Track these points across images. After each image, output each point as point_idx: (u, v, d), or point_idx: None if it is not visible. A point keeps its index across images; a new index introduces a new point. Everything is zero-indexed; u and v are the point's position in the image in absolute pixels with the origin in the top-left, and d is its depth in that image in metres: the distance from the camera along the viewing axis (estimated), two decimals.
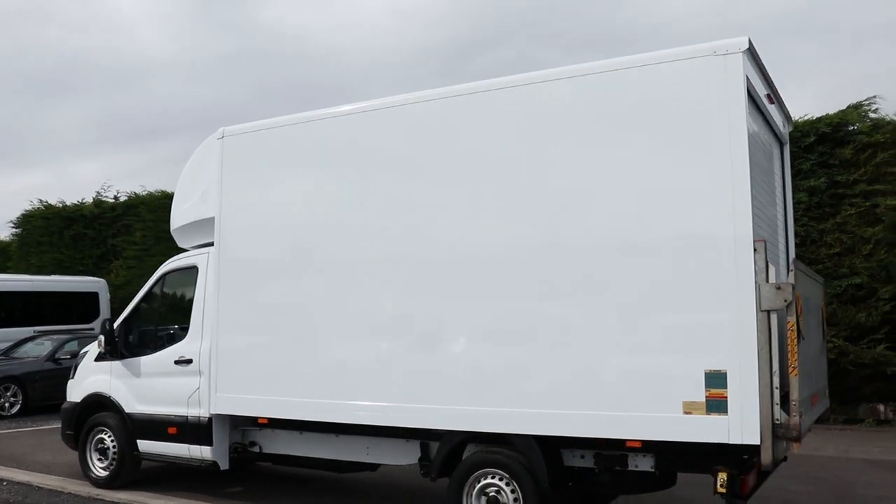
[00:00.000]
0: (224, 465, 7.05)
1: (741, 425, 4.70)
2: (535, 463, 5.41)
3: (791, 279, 4.75)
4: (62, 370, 11.37)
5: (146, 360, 7.52)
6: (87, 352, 8.26)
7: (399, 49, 45.13)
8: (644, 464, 5.39)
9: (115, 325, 7.71)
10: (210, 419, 6.97)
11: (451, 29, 45.38)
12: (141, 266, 17.73)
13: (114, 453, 7.64)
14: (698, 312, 4.88)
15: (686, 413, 4.86)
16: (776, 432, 4.67)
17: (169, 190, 17.84)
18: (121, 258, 19.48)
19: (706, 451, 5.03)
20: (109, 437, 7.68)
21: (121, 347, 7.66)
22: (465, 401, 5.60)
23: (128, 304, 7.97)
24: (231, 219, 6.95)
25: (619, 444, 5.19)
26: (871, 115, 11.98)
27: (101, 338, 7.63)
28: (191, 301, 7.39)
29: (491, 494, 5.59)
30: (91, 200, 21.03)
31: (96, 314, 16.93)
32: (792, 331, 4.68)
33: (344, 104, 6.54)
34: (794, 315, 4.67)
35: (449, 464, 5.83)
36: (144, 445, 7.43)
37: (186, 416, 7.10)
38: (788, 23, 35.45)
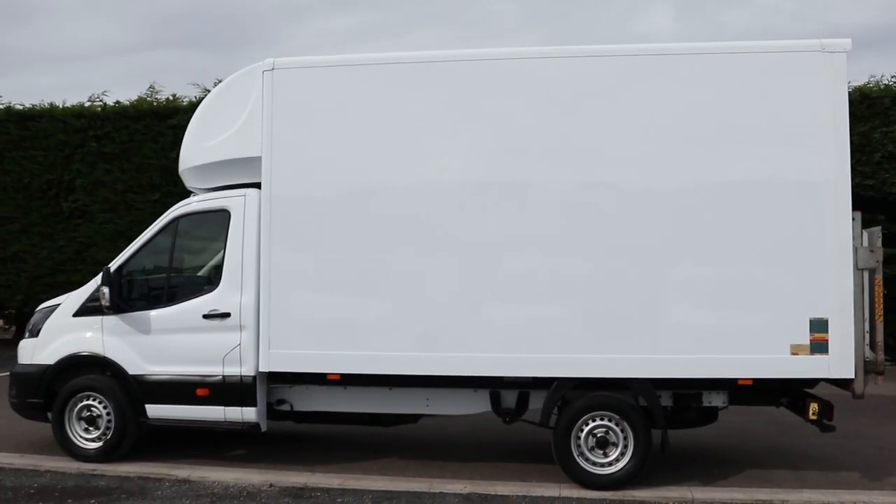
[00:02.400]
0: (264, 426, 6.57)
1: (839, 363, 5.72)
2: (651, 404, 5.98)
3: (879, 243, 5.85)
4: None
5: (159, 315, 6.63)
6: (50, 306, 7.01)
7: None
8: (717, 400, 6.24)
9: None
10: (254, 378, 6.44)
11: None
12: None
13: (108, 422, 6.68)
14: (806, 270, 5.77)
15: (793, 354, 5.76)
16: (866, 368, 5.77)
17: None
18: None
19: (771, 388, 6.05)
20: (100, 403, 6.68)
21: (118, 300, 6.66)
22: (586, 349, 5.96)
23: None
24: (285, 160, 6.37)
25: (730, 382, 5.96)
26: None
27: (105, 290, 6.53)
28: (219, 248, 6.67)
29: (599, 435, 6.05)
30: None
31: None
32: (879, 285, 5.78)
33: (419, 51, 6.38)
34: (881, 273, 5.78)
35: (549, 409, 6.15)
36: (157, 410, 6.59)
37: (222, 376, 6.46)
38: None
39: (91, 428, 6.73)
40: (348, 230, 6.29)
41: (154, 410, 6.60)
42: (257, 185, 6.54)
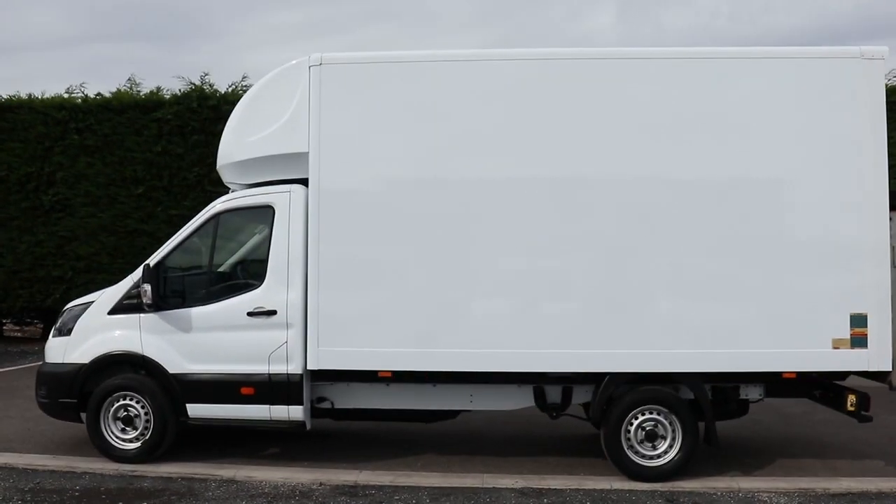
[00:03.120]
0: (309, 424, 6.54)
1: (878, 356, 5.99)
2: (700, 397, 6.16)
3: None
4: None
5: (200, 312, 6.52)
6: (81, 304, 6.83)
7: None
8: (753, 393, 6.48)
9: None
10: (301, 376, 6.40)
11: None
12: None
13: (146, 422, 6.55)
14: (846, 267, 6.02)
15: (835, 348, 6.01)
16: None
17: None
18: None
19: (808, 381, 6.32)
20: (138, 402, 6.55)
21: (156, 298, 6.53)
22: (639, 344, 6.10)
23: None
24: (334, 155, 6.33)
25: (774, 376, 6.18)
26: None
27: (146, 287, 6.39)
28: (262, 245, 6.60)
29: (648, 429, 6.21)
30: None
31: None
32: None
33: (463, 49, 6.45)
34: None
35: (602, 404, 6.26)
36: (199, 410, 6.49)
37: (268, 375, 6.39)
38: None
39: (128, 428, 6.58)
40: (400, 226, 6.29)
41: (196, 410, 6.49)
42: (300, 182, 6.51)
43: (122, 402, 6.57)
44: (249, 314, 6.42)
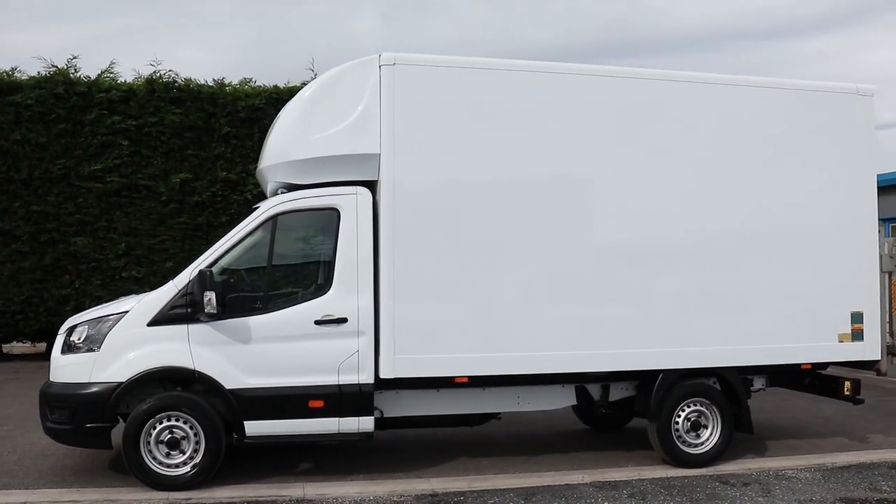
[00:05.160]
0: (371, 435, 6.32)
1: (871, 347, 7.09)
2: (739, 389, 6.86)
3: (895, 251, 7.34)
4: None
5: (260, 321, 6.02)
6: (115, 314, 5.97)
7: None
8: (758, 383, 7.36)
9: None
10: (372, 386, 6.17)
11: None
12: None
13: (195, 443, 5.92)
14: (848, 272, 7.05)
15: (840, 341, 7.02)
16: (890, 350, 7.22)
17: None
18: None
19: (803, 372, 7.32)
20: (185, 422, 5.90)
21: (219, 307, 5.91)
22: (688, 342, 6.66)
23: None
24: (409, 158, 6.18)
25: (794, 367, 7.05)
26: None
27: (210, 295, 5.75)
28: (324, 249, 6.26)
29: (693, 419, 6.80)
30: None
31: None
32: (895, 284, 7.27)
33: (544, 61, 6.61)
34: None
35: (659, 399, 6.71)
36: (260, 427, 5.98)
37: (339, 386, 6.08)
38: None
39: (173, 452, 5.91)
40: (475, 230, 6.32)
41: (255, 427, 5.99)
42: (364, 183, 6.28)
43: (166, 423, 5.88)
44: (317, 322, 6.07)
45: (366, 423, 6.18)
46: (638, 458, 7.05)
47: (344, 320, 6.10)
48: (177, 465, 5.91)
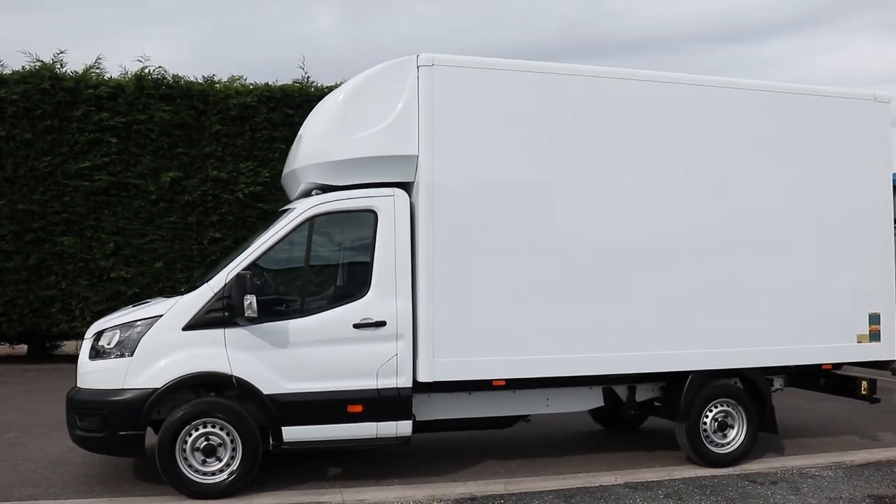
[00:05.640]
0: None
1: (888, 347, 7.28)
2: (762, 387, 6.97)
3: None
4: None
5: (299, 325, 5.91)
6: (147, 318, 5.80)
7: None
8: (777, 383, 7.49)
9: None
10: (411, 390, 6.11)
11: None
12: None
13: (233, 450, 5.79)
14: (865, 275, 7.22)
15: (859, 342, 7.18)
16: None
17: None
18: None
19: (819, 372, 7.47)
20: (221, 429, 5.77)
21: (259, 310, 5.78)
22: (716, 344, 6.75)
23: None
24: (448, 160, 6.13)
25: (815, 367, 7.18)
26: None
27: (251, 299, 5.63)
28: (361, 251, 6.17)
29: (720, 419, 6.89)
30: None
31: None
32: None
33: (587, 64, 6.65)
34: None
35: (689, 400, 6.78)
36: (298, 433, 5.88)
37: (378, 390, 6.01)
38: None
39: (209, 459, 5.77)
40: (513, 231, 6.31)
41: (293, 433, 5.88)
42: (400, 185, 6.23)
43: (203, 429, 5.75)
44: (356, 326, 5.99)
45: (404, 428, 6.12)
46: (662, 458, 7.12)
47: (382, 323, 6.03)
48: (213, 473, 5.77)
